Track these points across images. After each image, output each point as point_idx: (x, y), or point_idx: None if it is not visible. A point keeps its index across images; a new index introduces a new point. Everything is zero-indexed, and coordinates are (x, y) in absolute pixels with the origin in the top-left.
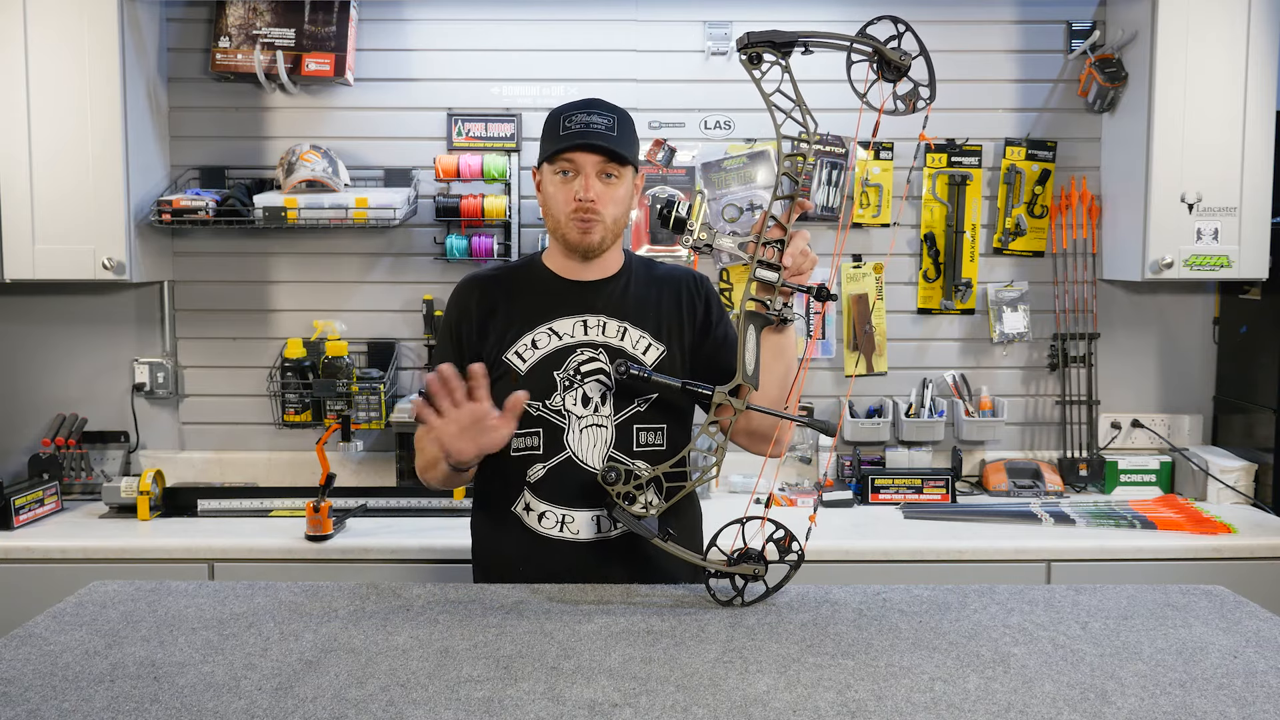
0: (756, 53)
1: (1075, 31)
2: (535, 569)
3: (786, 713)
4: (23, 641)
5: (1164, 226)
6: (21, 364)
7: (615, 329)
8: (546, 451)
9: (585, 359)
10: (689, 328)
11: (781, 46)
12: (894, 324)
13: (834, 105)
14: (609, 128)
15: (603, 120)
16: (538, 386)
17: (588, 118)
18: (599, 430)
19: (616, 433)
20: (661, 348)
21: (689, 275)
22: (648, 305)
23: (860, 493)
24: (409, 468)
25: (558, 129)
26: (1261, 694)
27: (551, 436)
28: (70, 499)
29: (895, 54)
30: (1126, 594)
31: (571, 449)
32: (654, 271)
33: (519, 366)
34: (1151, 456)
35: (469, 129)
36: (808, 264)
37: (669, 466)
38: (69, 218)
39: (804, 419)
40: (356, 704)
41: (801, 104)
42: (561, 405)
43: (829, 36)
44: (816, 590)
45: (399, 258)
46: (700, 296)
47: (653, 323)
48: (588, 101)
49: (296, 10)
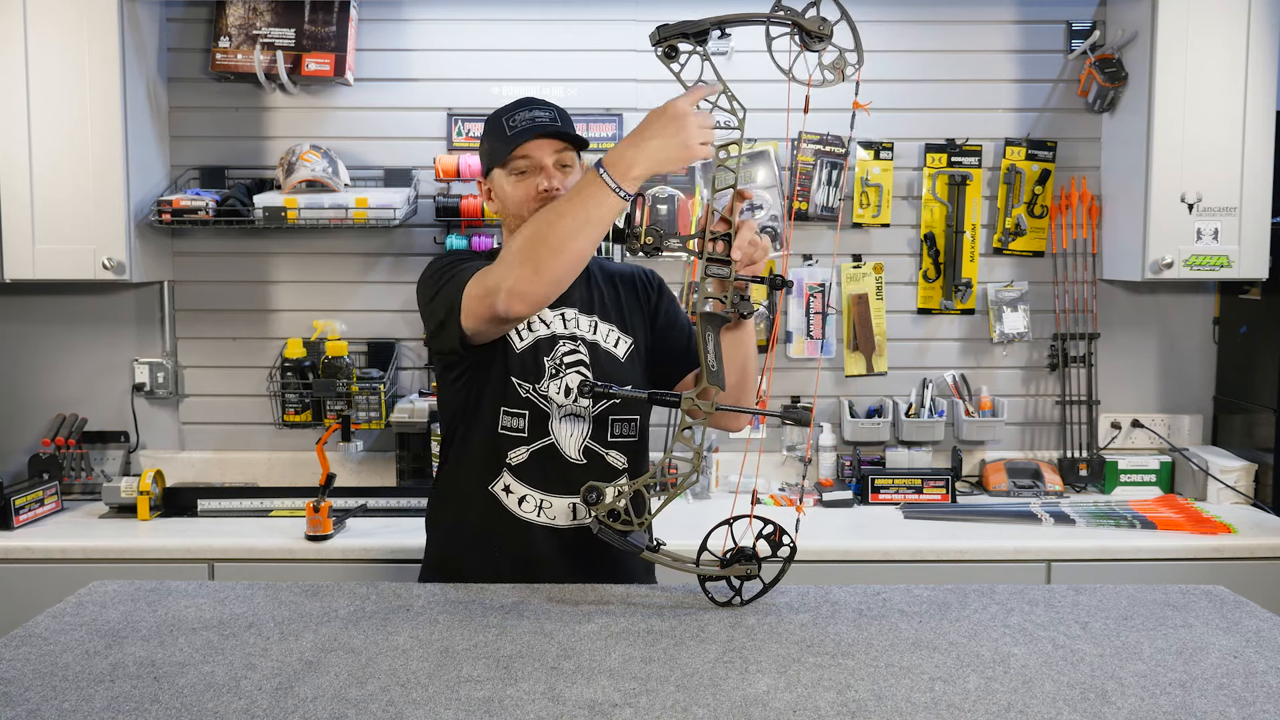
0: (672, 46)
1: (1075, 31)
2: (512, 550)
3: (786, 713)
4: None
5: (1164, 226)
6: (21, 364)
7: (588, 324)
8: (531, 435)
9: (567, 350)
10: (647, 318)
11: (695, 35)
12: (894, 324)
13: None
14: (553, 119)
15: (545, 113)
16: (529, 368)
17: (530, 113)
18: (577, 420)
19: (593, 424)
20: (630, 340)
21: (640, 270)
22: (610, 300)
23: (860, 493)
24: (409, 468)
25: (502, 130)
26: (1261, 694)
27: (537, 421)
28: (70, 499)
29: (813, 23)
30: (1126, 594)
31: (554, 435)
32: (608, 269)
33: (515, 342)
34: (1151, 456)
35: (469, 129)
36: (759, 253)
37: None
38: (69, 218)
39: (777, 412)
40: (356, 704)
41: (727, 90)
42: (547, 391)
43: (743, 15)
44: (816, 590)
45: (399, 258)
46: (653, 288)
47: (617, 316)
48: (524, 101)
49: (296, 10)
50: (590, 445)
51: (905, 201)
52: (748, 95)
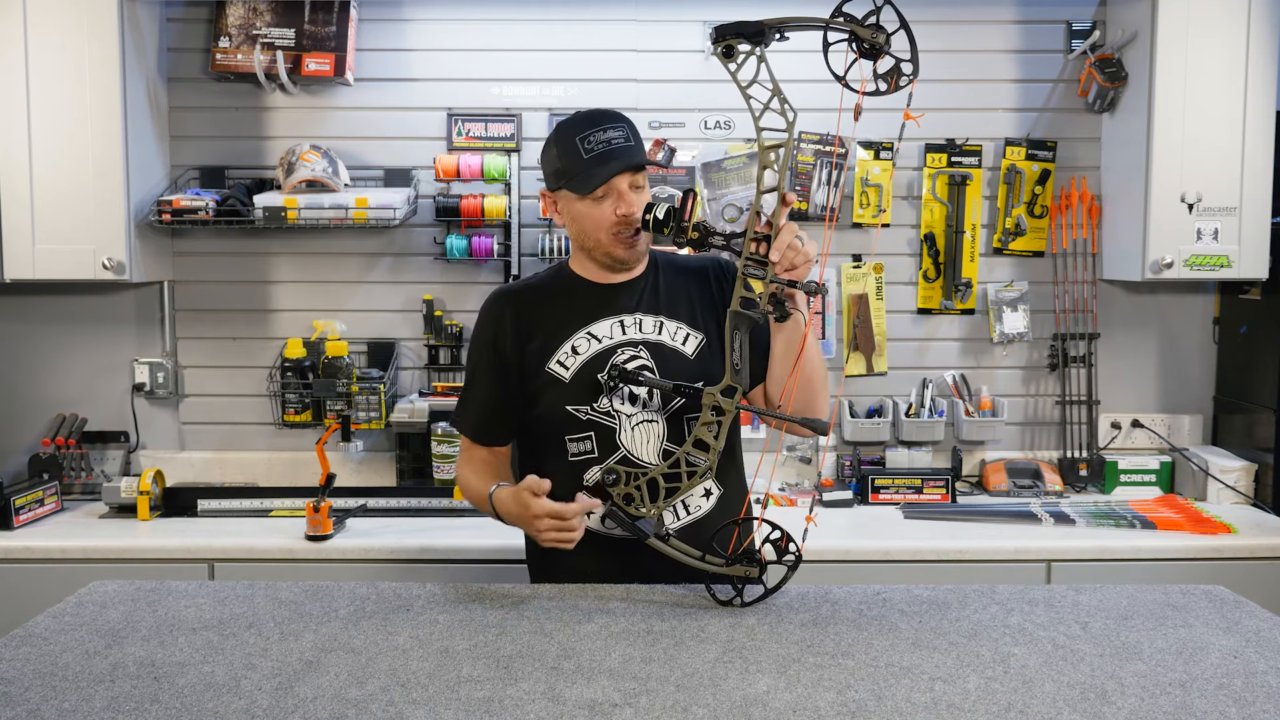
0: (729, 45)
1: (1075, 31)
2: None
3: (786, 713)
4: (23, 641)
5: (1164, 226)
6: (21, 364)
7: (652, 324)
8: (601, 453)
9: (627, 358)
10: (723, 309)
11: (752, 36)
12: (894, 324)
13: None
14: (627, 140)
15: (619, 134)
16: (585, 391)
17: (605, 135)
18: (651, 426)
19: (668, 426)
20: (700, 335)
21: (713, 260)
22: (679, 295)
23: (860, 493)
24: (409, 468)
25: (576, 151)
26: (1261, 694)
27: (604, 438)
28: (70, 499)
29: (868, 31)
30: (1126, 594)
31: (626, 448)
32: (678, 263)
33: (563, 375)
34: (1151, 456)
35: (469, 129)
36: (799, 258)
37: (667, 468)
38: (69, 218)
39: (795, 417)
40: (356, 704)
41: (779, 93)
42: (610, 407)
43: (802, 19)
44: (816, 590)
45: (399, 258)
46: (728, 278)
47: (687, 312)
48: (595, 115)
49: (296, 10)
50: (668, 447)
51: (905, 201)
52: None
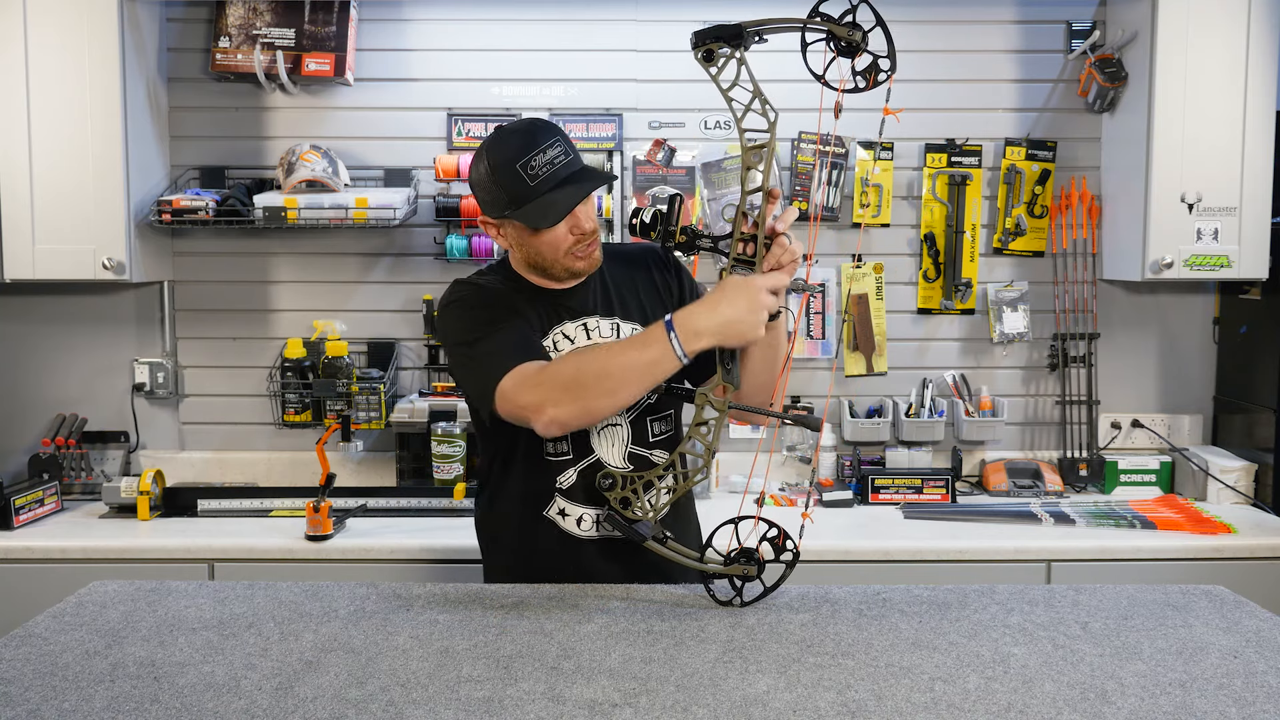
0: (709, 49)
1: (1075, 31)
2: (575, 570)
3: (786, 713)
4: (23, 641)
5: (1164, 226)
6: (21, 364)
7: (609, 327)
8: (576, 455)
9: None
10: (668, 300)
11: (731, 39)
12: (894, 324)
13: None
14: (566, 153)
15: (558, 150)
16: None
17: (545, 156)
18: (615, 429)
19: (631, 429)
20: None
21: (649, 251)
22: (627, 293)
23: (860, 493)
24: (409, 468)
25: (521, 180)
26: (1261, 694)
27: (579, 440)
28: (70, 499)
29: (845, 29)
30: (1126, 594)
31: (597, 450)
32: (619, 255)
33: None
34: (1151, 456)
35: (469, 129)
36: (787, 257)
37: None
38: (69, 218)
39: (789, 416)
40: (356, 704)
41: (760, 94)
42: None
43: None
44: (816, 590)
45: (399, 258)
46: (669, 270)
47: (637, 309)
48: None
49: (296, 10)
50: (634, 450)
51: (905, 201)
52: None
